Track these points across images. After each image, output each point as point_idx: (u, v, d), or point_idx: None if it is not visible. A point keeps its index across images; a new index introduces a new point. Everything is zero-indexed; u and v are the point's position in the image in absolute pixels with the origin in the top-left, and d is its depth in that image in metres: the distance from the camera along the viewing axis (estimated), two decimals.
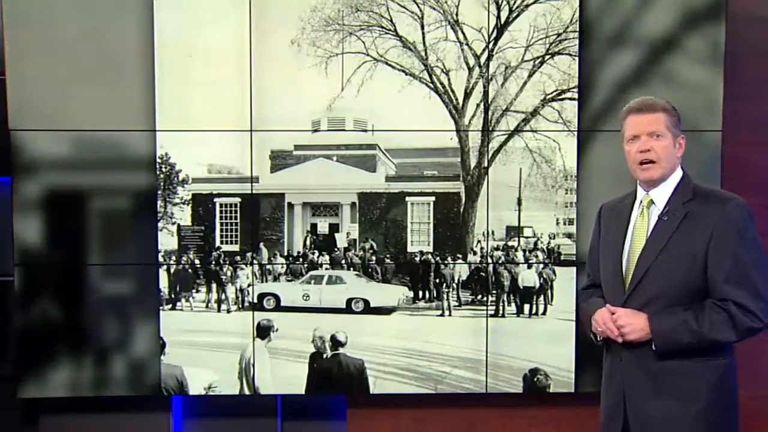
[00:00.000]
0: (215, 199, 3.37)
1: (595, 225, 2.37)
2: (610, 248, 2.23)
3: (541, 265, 3.41)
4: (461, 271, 3.41)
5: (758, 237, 2.06)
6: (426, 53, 3.32)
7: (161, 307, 3.35)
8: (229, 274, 3.39)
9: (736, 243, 2.03)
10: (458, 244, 3.41)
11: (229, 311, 3.40)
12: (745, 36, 3.44)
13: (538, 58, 3.33)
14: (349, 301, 3.44)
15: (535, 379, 3.39)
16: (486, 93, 3.34)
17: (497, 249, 3.40)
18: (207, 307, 3.40)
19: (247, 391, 3.38)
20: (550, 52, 3.32)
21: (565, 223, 3.39)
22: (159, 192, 3.32)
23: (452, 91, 3.33)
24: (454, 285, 3.41)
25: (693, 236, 2.06)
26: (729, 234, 2.03)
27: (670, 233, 2.09)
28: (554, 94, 3.34)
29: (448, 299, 3.42)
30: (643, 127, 2.12)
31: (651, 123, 2.11)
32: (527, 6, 3.31)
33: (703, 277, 2.05)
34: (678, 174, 2.16)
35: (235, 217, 3.38)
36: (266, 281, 3.41)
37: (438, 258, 3.41)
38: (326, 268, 3.44)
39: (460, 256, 3.41)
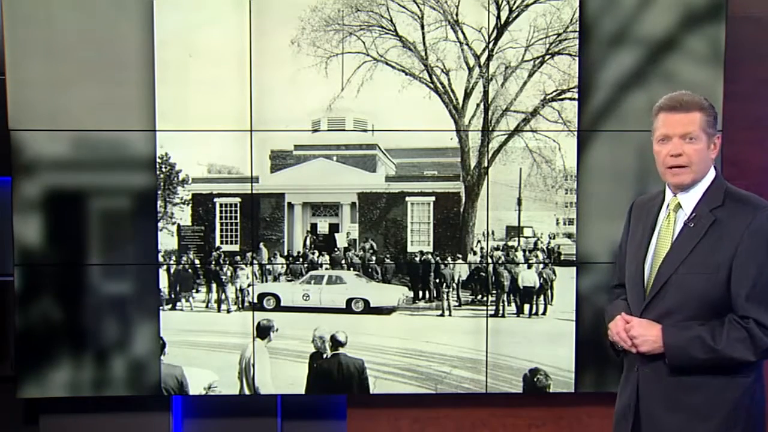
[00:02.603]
0: (215, 199, 3.37)
1: (625, 221, 2.24)
2: (634, 250, 2.12)
3: (541, 265, 3.41)
4: (461, 271, 3.41)
5: None
6: (426, 53, 3.32)
7: (161, 307, 3.35)
8: (229, 274, 3.39)
9: (763, 256, 1.89)
10: (458, 244, 3.41)
11: (229, 311, 3.40)
12: (745, 36, 3.44)
13: (538, 58, 3.32)
14: (349, 301, 3.44)
15: (535, 379, 3.39)
16: (486, 93, 3.34)
17: (497, 249, 3.40)
18: (207, 307, 3.40)
19: (247, 391, 3.38)
20: (550, 52, 3.32)
21: (565, 223, 3.39)
22: (159, 192, 3.32)
23: (452, 91, 3.33)
24: (454, 285, 3.41)
25: (718, 246, 1.92)
26: (756, 246, 1.88)
27: (695, 242, 1.95)
28: (554, 94, 3.33)
29: (448, 299, 3.41)
30: (676, 128, 1.97)
31: (685, 124, 1.96)
32: (527, 6, 3.30)
33: (726, 291, 1.92)
34: (710, 176, 2.00)
35: (235, 217, 3.38)
36: (266, 281, 3.41)
37: (438, 258, 3.41)
38: (326, 268, 3.44)
39: (460, 256, 3.41)
